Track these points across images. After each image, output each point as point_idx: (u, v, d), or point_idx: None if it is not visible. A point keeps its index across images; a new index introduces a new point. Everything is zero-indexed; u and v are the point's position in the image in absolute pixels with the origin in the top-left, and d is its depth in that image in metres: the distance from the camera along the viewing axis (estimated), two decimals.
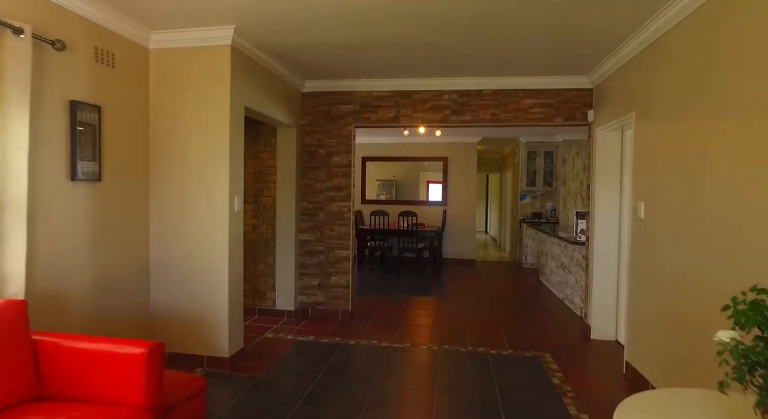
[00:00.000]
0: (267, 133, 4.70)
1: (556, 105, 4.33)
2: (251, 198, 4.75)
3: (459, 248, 8.74)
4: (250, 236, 4.74)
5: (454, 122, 4.49)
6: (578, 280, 5.00)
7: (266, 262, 4.74)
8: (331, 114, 4.71)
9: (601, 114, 4.03)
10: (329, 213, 4.74)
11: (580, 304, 4.90)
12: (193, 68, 3.29)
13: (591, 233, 4.19)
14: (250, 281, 4.76)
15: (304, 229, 4.79)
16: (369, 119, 4.64)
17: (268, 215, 4.71)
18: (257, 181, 4.74)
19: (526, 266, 8.34)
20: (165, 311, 3.39)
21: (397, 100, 4.59)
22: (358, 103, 4.66)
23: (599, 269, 4.05)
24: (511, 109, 4.40)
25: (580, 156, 7.96)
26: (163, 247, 3.36)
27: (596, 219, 4.06)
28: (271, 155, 4.71)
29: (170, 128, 3.33)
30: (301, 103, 4.75)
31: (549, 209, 8.56)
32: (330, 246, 4.75)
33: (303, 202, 4.79)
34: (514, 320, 4.78)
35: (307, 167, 4.77)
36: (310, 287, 4.79)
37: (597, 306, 4.08)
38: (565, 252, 5.56)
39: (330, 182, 4.74)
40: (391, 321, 4.68)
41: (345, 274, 4.73)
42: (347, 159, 4.70)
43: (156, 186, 3.36)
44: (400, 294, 5.93)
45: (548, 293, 6.10)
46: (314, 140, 4.75)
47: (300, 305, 4.80)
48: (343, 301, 4.74)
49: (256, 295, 4.76)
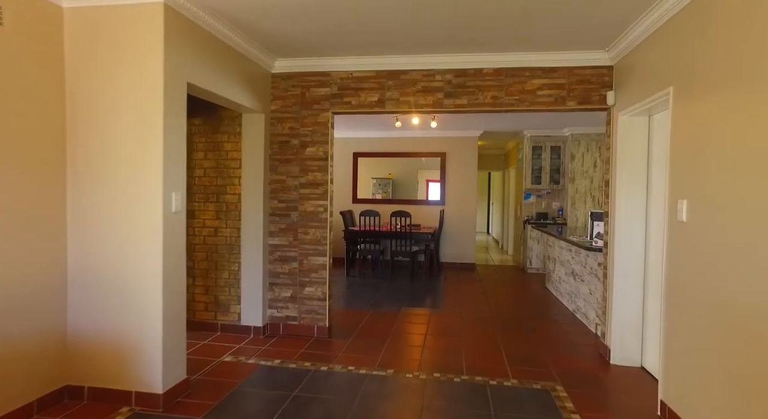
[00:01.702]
0: (231, 120, 4.05)
1: (569, 86, 3.65)
2: (213, 196, 4.09)
3: (458, 251, 8.08)
4: (211, 239, 4.09)
5: (448, 107, 3.82)
6: (593, 291, 4.32)
7: (230, 270, 4.08)
8: (305, 98, 4.05)
9: (623, 96, 3.36)
10: (303, 214, 4.08)
11: (595, 319, 4.23)
12: (119, 33, 2.63)
13: (610, 238, 3.51)
14: (212, 292, 4.11)
15: (275, 232, 4.13)
16: (349, 104, 3.98)
17: (233, 215, 4.06)
18: (219, 176, 4.08)
19: (531, 270, 7.67)
20: (86, 336, 2.73)
21: (382, 82, 3.92)
22: (336, 85, 4.00)
23: (621, 281, 3.37)
24: (515, 91, 3.73)
25: (590, 151, 7.30)
26: (84, 255, 2.71)
27: (617, 221, 3.39)
28: (235, 146, 4.05)
29: (92, 106, 2.67)
30: (271, 86, 4.09)
31: (556, 210, 7.88)
32: (304, 252, 4.08)
33: (273, 200, 4.13)
34: (518, 337, 4.11)
35: (277, 160, 4.11)
36: (281, 299, 4.13)
37: (618, 325, 3.40)
38: (577, 258, 4.89)
39: (304, 178, 4.08)
40: (374, 338, 4.02)
41: (321, 285, 4.07)
42: (324, 150, 4.03)
43: (76, 179, 2.70)
44: (389, 304, 5.27)
45: (556, 304, 5.43)
46: (286, 129, 4.09)
47: (270, 320, 4.14)
48: (318, 316, 4.08)
49: (219, 308, 4.10)
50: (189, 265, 4.14)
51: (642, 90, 3.02)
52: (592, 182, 7.33)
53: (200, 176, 4.11)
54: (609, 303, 3.54)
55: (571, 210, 7.39)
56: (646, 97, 2.95)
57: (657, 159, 3.19)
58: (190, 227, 4.12)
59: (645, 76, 2.99)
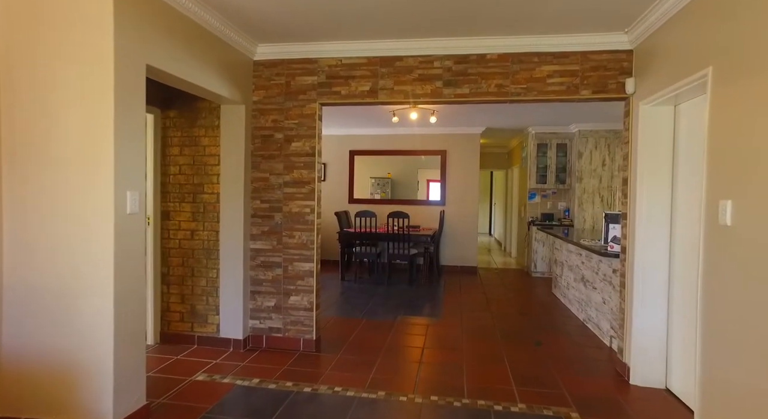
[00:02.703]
0: (208, 113, 3.67)
1: (583, 73, 3.27)
2: (189, 196, 3.72)
3: (459, 253, 7.70)
4: (187, 243, 3.72)
5: (448, 97, 3.45)
6: (606, 300, 3.94)
7: (208, 277, 3.71)
8: (290, 88, 3.68)
9: (645, 83, 2.98)
10: (288, 215, 3.71)
11: (609, 331, 3.85)
12: (64, 3, 2.26)
13: (629, 243, 3.13)
14: (189, 300, 3.74)
15: (257, 235, 3.76)
16: (338, 94, 3.60)
17: (211, 217, 3.69)
18: (196, 174, 3.71)
19: (536, 274, 7.28)
20: (24, 359, 2.36)
21: (375, 69, 3.55)
22: (324, 73, 3.62)
23: (642, 291, 2.99)
24: (522, 79, 3.35)
25: (599, 148, 6.91)
26: (21, 266, 2.34)
27: (637, 224, 3.00)
28: (213, 141, 3.68)
29: (30, 91, 2.30)
30: (252, 75, 3.72)
31: (562, 210, 7.50)
32: (289, 257, 3.71)
33: (255, 200, 3.76)
34: (524, 351, 3.73)
35: (260, 156, 3.74)
36: (263, 309, 3.76)
37: (639, 341, 3.02)
38: (588, 264, 4.50)
39: (289, 175, 3.70)
40: (366, 353, 3.64)
41: (307, 293, 3.70)
42: (311, 145, 3.66)
43: (11, 175, 2.33)
44: (385, 313, 4.90)
45: (565, 312, 5.05)
46: (269, 122, 3.72)
47: (251, 331, 3.77)
48: (305, 328, 3.70)
49: (196, 319, 3.73)
50: (163, 271, 3.77)
51: (668, 75, 2.64)
52: (600, 181, 6.94)
53: (175, 174, 3.74)
54: (627, 316, 3.16)
55: (578, 211, 7.00)
56: (673, 83, 2.57)
57: (684, 153, 2.81)
58: (164, 230, 3.75)
59: (672, 59, 2.61)
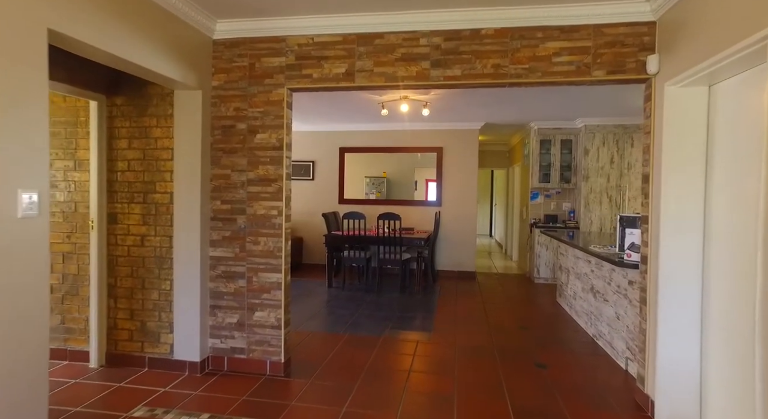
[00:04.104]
0: (161, 99, 3.18)
1: (596, 50, 2.77)
2: (139, 196, 3.23)
3: (456, 258, 7.19)
4: (137, 250, 3.22)
5: (436, 79, 2.94)
6: (621, 316, 3.43)
7: (161, 290, 3.21)
8: (254, 71, 3.18)
9: (671, 60, 2.47)
10: (253, 218, 3.21)
11: (624, 352, 3.34)
12: None
13: (651, 252, 2.63)
14: (138, 316, 3.24)
15: (217, 241, 3.26)
16: (309, 78, 3.10)
17: (163, 220, 3.19)
18: (147, 170, 3.21)
19: (538, 280, 6.77)
20: None
21: (351, 49, 3.05)
22: (293, 54, 3.13)
23: (669, 310, 2.48)
24: (524, 57, 2.85)
25: (607, 145, 6.41)
26: None
27: (662, 230, 2.50)
28: (166, 132, 3.18)
29: None
30: (211, 56, 3.23)
31: (566, 211, 6.99)
32: (254, 267, 3.21)
33: (215, 201, 3.26)
34: (526, 375, 3.22)
35: (220, 150, 3.24)
36: (225, 326, 3.26)
37: (666, 369, 2.51)
38: (599, 272, 3.99)
39: (253, 172, 3.21)
40: (343, 378, 3.14)
41: (275, 309, 3.20)
42: (278, 137, 3.16)
43: None
44: (371, 326, 4.39)
45: (571, 325, 4.54)
46: (230, 110, 3.22)
47: (211, 352, 3.27)
48: (272, 348, 3.20)
49: (147, 338, 3.23)
50: (110, 283, 3.27)
51: (703, 47, 2.14)
52: (608, 180, 6.43)
53: (123, 171, 3.24)
54: (650, 339, 2.65)
55: (584, 212, 6.49)
56: (710, 56, 2.07)
57: (723, 143, 2.30)
58: (111, 235, 3.26)
59: (710, 27, 2.10)
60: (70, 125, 3.27)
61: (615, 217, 6.42)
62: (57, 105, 3.26)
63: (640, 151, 6.35)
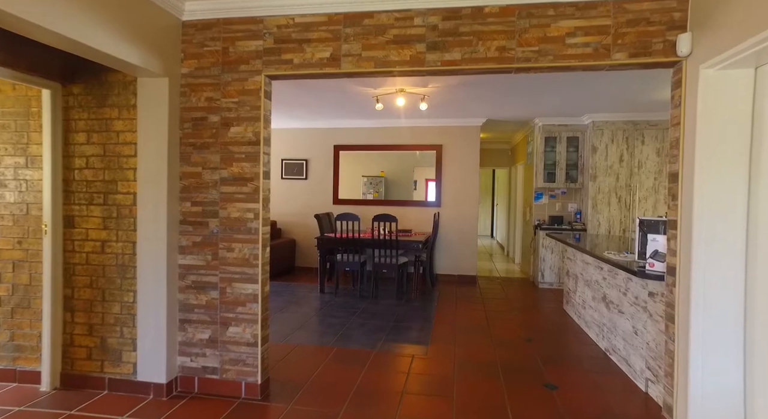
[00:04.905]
0: (123, 88, 2.83)
1: (616, 29, 2.41)
2: (99, 197, 2.87)
3: (456, 261, 6.83)
4: (97, 258, 2.87)
5: (433, 64, 2.59)
6: (639, 331, 3.07)
7: (123, 302, 2.86)
8: (228, 56, 2.82)
9: (708, 38, 2.11)
10: (226, 221, 2.86)
11: (644, 371, 2.98)
12: None
13: (681, 261, 2.27)
14: (98, 332, 2.89)
15: (187, 247, 2.90)
16: (290, 64, 2.75)
17: (126, 224, 2.84)
18: (107, 168, 2.86)
19: (543, 285, 6.41)
20: None
21: (337, 30, 2.69)
22: (272, 36, 2.77)
23: (704, 332, 2.13)
24: (533, 39, 2.49)
25: (616, 142, 6.05)
26: None
27: (696, 236, 2.14)
28: (129, 125, 2.83)
29: None
30: (181, 40, 2.87)
31: (573, 213, 6.62)
32: (228, 276, 2.86)
33: (185, 203, 2.91)
34: (533, 397, 2.87)
35: (190, 145, 2.89)
36: (195, 343, 2.91)
37: (700, 400, 2.15)
38: (612, 280, 3.63)
39: (227, 170, 2.85)
40: (328, 402, 2.78)
41: (251, 324, 2.84)
42: (254, 131, 2.81)
43: None
44: (363, 338, 4.04)
45: (580, 336, 4.18)
46: (202, 100, 2.87)
47: (180, 372, 2.92)
48: (247, 368, 2.85)
49: (108, 356, 2.88)
50: (66, 294, 2.92)
51: (749, 21, 1.78)
52: (618, 179, 6.06)
53: (81, 168, 2.89)
54: (680, 362, 2.29)
55: (591, 214, 6.13)
56: (757, 32, 1.71)
57: None
58: (68, 241, 2.91)
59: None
60: (21, 117, 2.91)
61: (624, 219, 6.06)
62: (5, 94, 2.90)
63: (652, 149, 5.98)
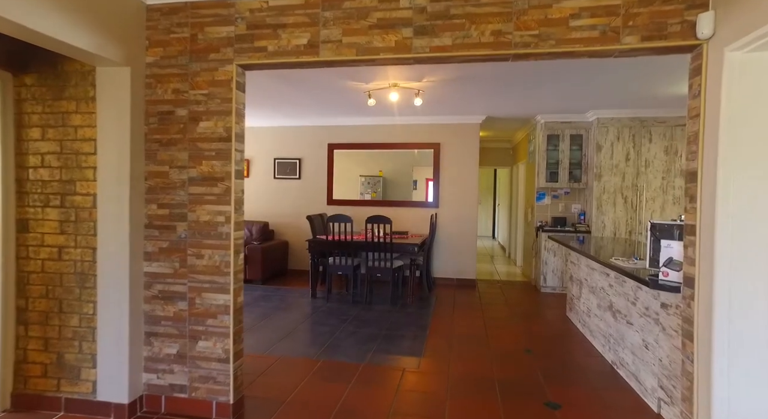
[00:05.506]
0: (81, 78, 2.57)
1: (627, 9, 2.13)
2: (55, 198, 2.62)
3: (455, 264, 6.56)
4: (53, 265, 2.61)
5: (421, 51, 2.32)
6: (650, 345, 2.80)
7: (82, 314, 2.60)
8: (197, 44, 2.57)
9: (734, 17, 1.84)
10: (195, 225, 2.60)
11: (655, 390, 2.71)
12: None
13: (702, 271, 2.00)
14: (54, 347, 2.63)
15: (153, 253, 2.65)
16: (264, 51, 2.49)
17: (85, 228, 2.58)
18: (65, 167, 2.60)
19: (545, 290, 6.14)
20: None
21: (315, 14, 2.43)
22: (244, 21, 2.51)
23: (731, 353, 1.85)
24: (532, 21, 2.22)
25: (622, 140, 5.77)
26: None
27: (719, 243, 1.86)
28: (88, 119, 2.57)
29: None
30: (145, 26, 2.62)
31: (576, 214, 6.34)
32: (197, 286, 2.60)
33: (150, 205, 2.65)
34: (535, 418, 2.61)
35: (156, 142, 2.63)
36: (162, 358, 2.65)
37: None
38: (620, 288, 3.36)
39: (196, 169, 2.59)
40: None
41: (222, 338, 2.58)
42: (225, 126, 2.55)
43: None
44: (351, 349, 3.77)
45: (584, 346, 3.90)
46: (168, 93, 2.61)
47: (146, 390, 2.66)
48: (218, 386, 2.59)
49: (65, 374, 2.62)
50: (20, 305, 2.66)
51: None
52: (623, 179, 5.78)
53: (35, 167, 2.63)
54: (700, 385, 2.02)
55: (596, 215, 5.85)
56: None
57: None
58: (21, 247, 2.65)
59: None
60: None
61: (631, 220, 5.78)
62: None
63: (660, 147, 5.69)
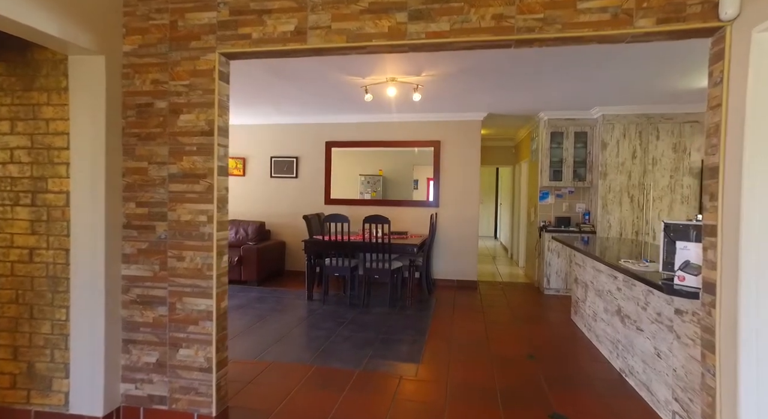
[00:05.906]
0: (52, 67, 2.40)
1: None
2: (26, 196, 2.45)
3: (456, 265, 6.38)
4: (23, 268, 2.44)
5: (416, 37, 2.14)
6: (663, 354, 2.61)
7: (54, 320, 2.44)
8: (177, 31, 2.40)
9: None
10: (176, 225, 2.43)
11: (669, 402, 2.53)
12: None
13: (725, 277, 1.82)
14: (24, 356, 2.46)
15: (132, 255, 2.48)
16: (248, 39, 2.31)
17: (58, 228, 2.42)
18: (36, 162, 2.44)
19: (549, 292, 5.95)
20: None
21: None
22: (227, 7, 2.34)
23: (760, 366, 1.68)
24: (537, 4, 2.04)
25: (628, 137, 5.58)
26: None
27: (745, 247, 1.69)
28: (60, 112, 2.41)
29: None
30: (121, 11, 2.45)
31: (581, 213, 6.16)
32: (177, 290, 2.43)
33: (128, 203, 2.48)
34: None
35: (134, 136, 2.46)
36: (141, 367, 2.48)
37: None
38: (628, 292, 3.18)
39: (177, 165, 2.42)
40: None
41: (204, 345, 2.41)
42: (207, 119, 2.38)
43: None
44: (346, 354, 3.60)
45: (590, 352, 3.72)
46: (147, 83, 2.44)
47: (123, 401, 2.49)
48: (200, 397, 2.42)
49: (35, 385, 2.46)
50: None
51: None
52: (630, 177, 5.59)
53: (4, 163, 2.47)
54: (723, 402, 1.84)
55: (601, 214, 5.66)
56: None
57: None
58: None
59: None
60: None
61: (637, 220, 5.59)
62: None
63: (667, 144, 5.50)
